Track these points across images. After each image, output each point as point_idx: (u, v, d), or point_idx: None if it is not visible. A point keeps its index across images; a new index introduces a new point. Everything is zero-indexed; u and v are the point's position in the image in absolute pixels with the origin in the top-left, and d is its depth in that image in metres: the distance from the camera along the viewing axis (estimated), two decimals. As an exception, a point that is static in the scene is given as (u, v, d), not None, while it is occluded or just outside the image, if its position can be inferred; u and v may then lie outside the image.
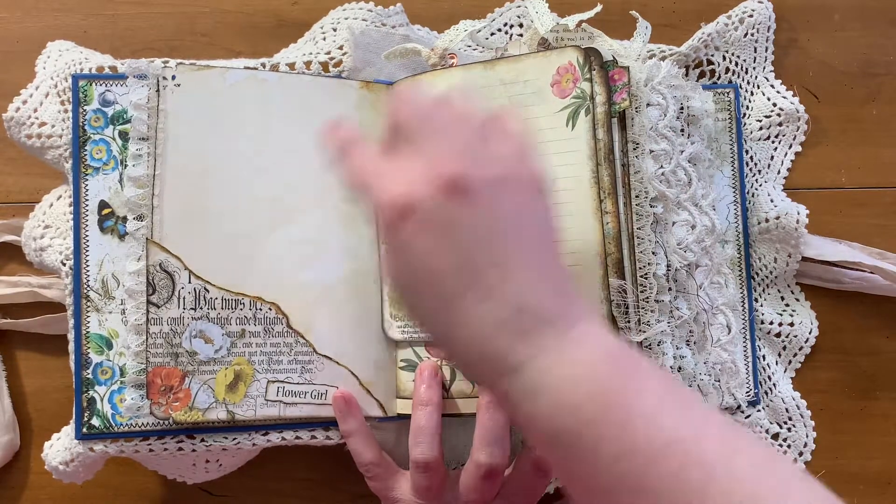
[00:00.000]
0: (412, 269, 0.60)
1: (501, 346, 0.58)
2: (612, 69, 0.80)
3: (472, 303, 0.58)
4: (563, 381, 0.57)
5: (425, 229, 0.59)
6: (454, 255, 0.59)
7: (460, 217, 0.59)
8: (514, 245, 0.60)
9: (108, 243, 0.84)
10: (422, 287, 0.60)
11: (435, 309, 0.60)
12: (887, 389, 0.96)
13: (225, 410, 0.82)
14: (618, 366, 0.59)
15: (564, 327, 0.59)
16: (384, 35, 0.91)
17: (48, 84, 0.88)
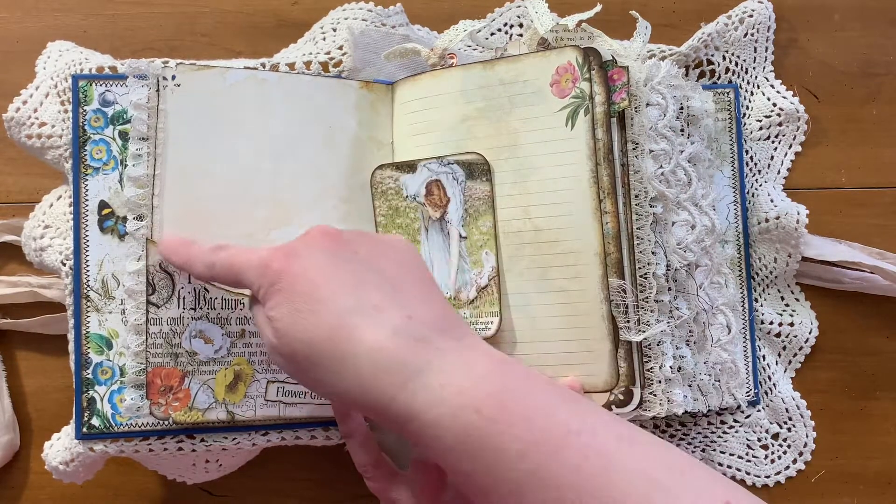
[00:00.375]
0: (306, 295, 0.65)
1: (401, 350, 0.63)
2: (611, 69, 0.80)
3: (364, 315, 0.64)
4: (465, 382, 0.61)
5: (314, 259, 0.67)
6: (343, 277, 0.66)
7: (341, 251, 0.68)
8: (392, 274, 0.68)
9: (108, 243, 0.84)
10: (316, 310, 0.64)
11: (330, 332, 0.63)
12: (887, 389, 0.96)
13: (225, 411, 0.82)
14: (510, 369, 0.64)
15: (456, 336, 0.65)
16: (384, 35, 0.91)
17: (48, 84, 0.88)
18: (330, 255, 0.67)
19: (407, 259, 0.71)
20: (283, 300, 0.65)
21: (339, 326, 0.63)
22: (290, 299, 0.65)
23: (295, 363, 0.65)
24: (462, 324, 0.68)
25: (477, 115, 0.84)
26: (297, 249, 0.68)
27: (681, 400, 0.80)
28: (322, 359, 0.63)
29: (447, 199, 0.84)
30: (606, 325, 0.79)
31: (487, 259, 0.83)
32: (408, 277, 0.69)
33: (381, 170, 0.87)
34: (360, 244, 0.70)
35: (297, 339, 0.64)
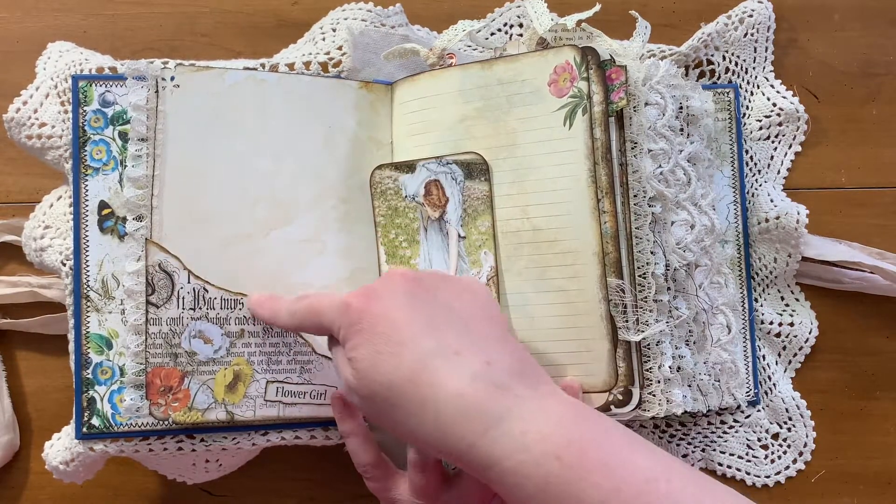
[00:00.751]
0: (387, 336, 0.65)
1: (480, 397, 0.63)
2: (609, 68, 0.80)
3: (445, 359, 0.64)
4: (546, 429, 0.62)
5: (395, 300, 0.68)
6: (423, 320, 0.66)
7: (420, 294, 0.68)
8: (469, 318, 0.69)
9: (107, 243, 0.84)
10: (397, 352, 0.65)
11: (411, 375, 0.64)
12: (887, 389, 0.96)
13: (224, 411, 0.82)
14: (587, 415, 0.64)
15: (533, 383, 0.65)
16: (383, 35, 0.91)
17: (48, 85, 0.88)
18: (410, 296, 0.68)
19: (482, 302, 0.72)
20: (364, 341, 0.66)
21: (421, 370, 0.63)
22: (371, 340, 0.66)
23: (374, 404, 0.66)
24: (538, 369, 0.68)
25: (475, 115, 0.84)
26: (377, 291, 0.69)
27: (680, 400, 0.80)
28: (402, 401, 0.64)
29: (446, 198, 0.84)
30: (605, 325, 0.79)
31: (486, 259, 0.83)
32: (484, 321, 0.69)
33: (380, 170, 0.87)
34: (439, 287, 0.71)
35: (377, 381, 0.65)
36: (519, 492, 0.61)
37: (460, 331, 0.67)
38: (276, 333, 0.84)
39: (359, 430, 0.82)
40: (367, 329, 0.66)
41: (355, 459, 0.81)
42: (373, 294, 0.68)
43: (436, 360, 0.64)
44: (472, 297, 0.71)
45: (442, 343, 0.65)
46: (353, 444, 0.81)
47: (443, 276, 0.73)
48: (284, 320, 0.77)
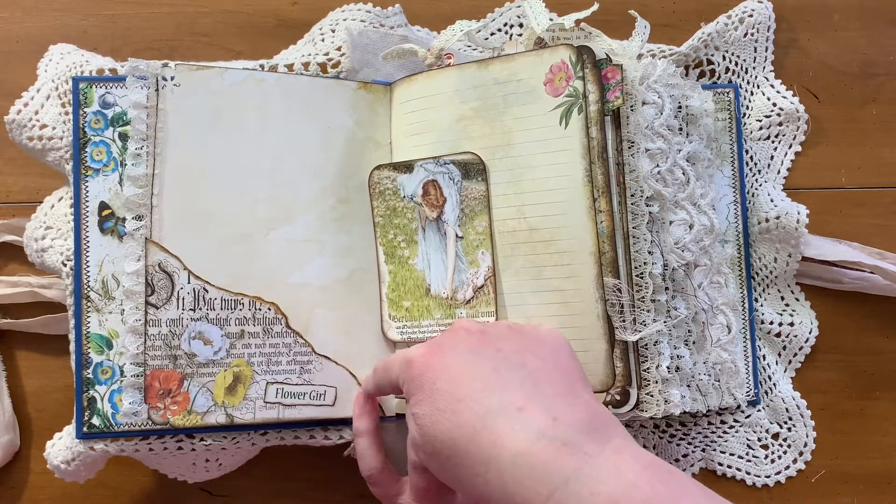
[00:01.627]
0: (447, 393, 0.65)
1: (546, 456, 0.61)
2: (605, 67, 0.80)
3: (507, 417, 0.63)
4: (615, 491, 0.59)
5: (457, 356, 0.68)
6: (485, 375, 0.66)
7: (483, 349, 0.68)
8: (537, 371, 0.67)
9: (108, 244, 0.85)
10: (458, 410, 0.64)
11: (473, 433, 0.63)
12: (887, 389, 0.96)
13: (224, 414, 0.83)
14: (659, 474, 0.61)
15: (603, 438, 0.63)
16: (382, 36, 0.92)
17: (49, 87, 0.89)
18: (472, 351, 0.68)
19: (554, 353, 0.70)
20: (425, 397, 0.66)
21: (482, 428, 0.63)
22: (432, 396, 0.66)
23: (438, 461, 0.66)
24: (610, 422, 0.66)
25: (472, 115, 0.85)
26: (441, 345, 0.69)
27: (678, 400, 0.80)
28: (465, 460, 0.63)
29: (444, 199, 0.85)
30: (602, 325, 0.79)
31: (483, 259, 0.83)
32: (554, 374, 0.68)
33: (378, 170, 0.87)
34: (505, 339, 0.70)
35: (439, 439, 0.65)
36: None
37: (525, 386, 0.65)
38: (276, 334, 0.84)
39: (372, 432, 0.82)
40: (427, 385, 0.67)
41: (362, 463, 0.82)
42: (435, 349, 0.69)
43: (498, 418, 0.63)
44: (542, 348, 0.70)
45: (504, 399, 0.64)
46: (362, 444, 0.82)
47: (510, 328, 0.72)
48: (370, 387, 0.80)
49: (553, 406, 0.64)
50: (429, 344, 0.70)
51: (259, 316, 0.84)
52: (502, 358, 0.67)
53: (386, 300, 0.87)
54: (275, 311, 0.85)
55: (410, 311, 0.86)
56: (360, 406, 0.84)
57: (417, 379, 0.67)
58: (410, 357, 0.69)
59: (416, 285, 0.86)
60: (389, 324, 0.87)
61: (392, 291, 0.87)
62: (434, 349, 0.69)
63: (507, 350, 0.68)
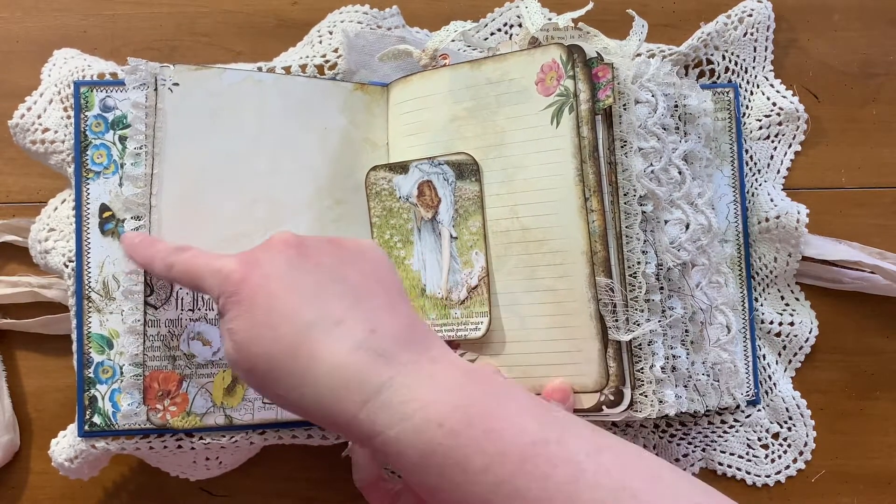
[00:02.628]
0: (265, 308, 0.64)
1: (362, 366, 0.62)
2: (595, 66, 0.81)
3: (325, 330, 0.63)
4: (428, 396, 0.61)
5: (275, 269, 0.66)
6: (304, 289, 0.65)
7: (303, 262, 0.66)
8: (357, 284, 0.67)
9: (108, 245, 0.87)
10: (275, 324, 0.63)
11: (290, 348, 0.63)
12: (887, 389, 0.97)
13: (223, 415, 0.84)
14: (477, 379, 0.63)
15: (420, 349, 0.64)
16: (380, 37, 0.93)
17: (52, 91, 0.91)
18: (291, 265, 0.66)
19: (374, 267, 0.70)
20: (242, 312, 0.64)
21: (300, 343, 0.62)
22: (250, 311, 0.64)
23: (255, 377, 0.64)
24: (429, 334, 0.67)
25: (465, 115, 0.86)
26: (257, 258, 0.67)
27: (672, 401, 0.81)
28: (282, 374, 0.63)
29: (438, 199, 0.86)
30: (595, 325, 0.80)
31: (477, 259, 0.84)
32: (374, 286, 0.68)
33: (374, 171, 0.88)
34: (325, 252, 0.68)
35: (256, 354, 0.63)
36: (402, 461, 0.61)
37: (345, 299, 0.65)
38: None
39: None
40: (245, 300, 0.64)
41: (357, 473, 0.82)
42: (252, 261, 0.67)
43: (315, 332, 0.62)
44: (363, 261, 0.69)
45: (323, 313, 0.64)
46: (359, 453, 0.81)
47: (331, 241, 0.70)
48: (159, 269, 0.74)
49: (372, 318, 0.64)
50: (243, 256, 0.68)
51: (259, 316, 0.85)
52: (322, 271, 0.67)
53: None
54: (274, 312, 0.85)
55: None
56: None
57: (235, 294, 0.65)
58: (226, 271, 0.67)
59: (412, 286, 0.87)
60: None
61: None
62: (250, 261, 0.67)
63: (327, 263, 0.67)
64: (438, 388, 0.61)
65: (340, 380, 0.61)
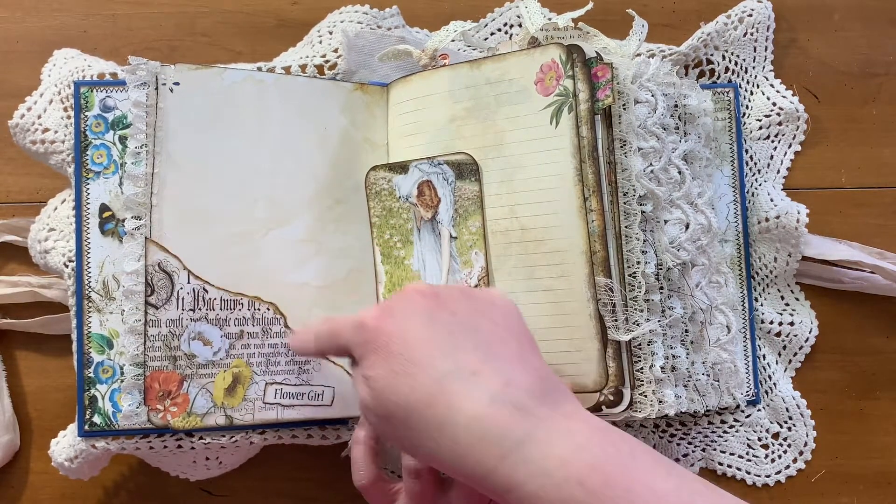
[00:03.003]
0: (402, 357, 0.65)
1: (500, 419, 0.62)
2: (595, 66, 0.81)
3: (462, 381, 0.63)
4: (567, 453, 0.61)
5: (411, 319, 0.67)
6: (440, 339, 0.65)
7: (437, 312, 0.67)
8: (489, 335, 0.67)
9: (108, 245, 0.87)
10: (412, 373, 0.64)
11: (428, 397, 0.63)
12: (887, 389, 0.98)
13: (224, 415, 0.84)
14: (610, 437, 0.63)
15: (555, 403, 0.64)
16: (380, 37, 0.94)
17: (52, 91, 0.91)
18: (426, 315, 0.67)
19: (505, 317, 0.70)
20: (379, 360, 0.65)
21: (437, 392, 0.63)
22: (386, 360, 0.65)
23: (390, 425, 0.66)
24: (560, 387, 0.67)
25: (465, 115, 0.86)
26: (392, 308, 0.68)
27: (672, 401, 0.81)
28: (419, 423, 0.63)
29: (438, 199, 0.86)
30: (594, 325, 0.80)
31: (477, 259, 0.84)
32: (506, 337, 0.68)
33: (374, 171, 0.89)
34: (458, 302, 0.69)
35: (394, 402, 0.64)
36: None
37: (479, 350, 0.65)
38: (275, 334, 0.86)
39: (370, 441, 0.83)
40: (381, 348, 0.66)
41: (356, 473, 0.82)
42: (388, 312, 0.68)
43: (453, 382, 0.63)
44: (494, 312, 0.70)
45: (459, 364, 0.64)
46: (358, 453, 0.81)
47: (463, 291, 0.71)
48: (310, 348, 0.77)
49: (506, 370, 0.65)
50: (380, 307, 0.69)
51: (258, 316, 0.86)
52: (457, 321, 0.67)
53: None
54: (274, 311, 0.86)
55: None
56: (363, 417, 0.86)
57: (371, 342, 0.67)
58: (363, 320, 0.68)
59: (412, 286, 0.87)
60: None
61: (388, 291, 0.88)
62: (387, 312, 0.68)
63: (461, 313, 0.68)
64: (576, 444, 0.61)
65: (478, 432, 0.62)
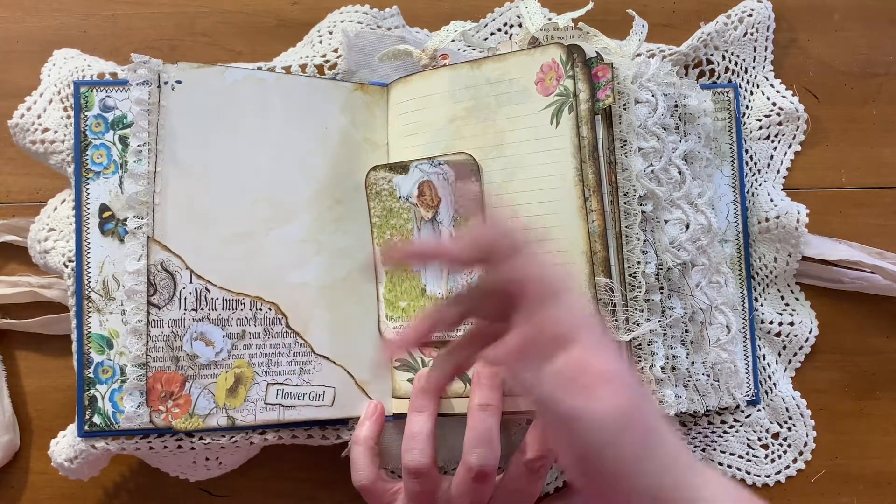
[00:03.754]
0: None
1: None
2: (595, 66, 0.81)
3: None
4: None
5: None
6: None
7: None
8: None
9: (108, 245, 0.87)
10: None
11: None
12: (887, 389, 0.98)
13: (226, 416, 0.85)
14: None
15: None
16: (380, 37, 0.94)
17: (52, 91, 0.91)
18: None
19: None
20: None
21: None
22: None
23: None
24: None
25: (465, 115, 0.86)
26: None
27: (672, 401, 0.82)
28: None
29: (438, 199, 0.86)
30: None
31: None
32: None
33: (374, 171, 0.89)
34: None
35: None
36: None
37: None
38: (276, 334, 0.86)
39: (370, 441, 0.84)
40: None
41: (355, 473, 0.83)
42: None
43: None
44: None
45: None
46: (357, 453, 0.83)
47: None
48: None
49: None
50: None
51: (260, 316, 0.86)
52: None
53: (383, 300, 0.89)
54: (275, 311, 0.86)
55: (407, 312, 0.87)
56: (369, 413, 0.86)
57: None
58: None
59: (412, 286, 0.87)
60: (386, 324, 0.88)
61: (389, 291, 0.88)
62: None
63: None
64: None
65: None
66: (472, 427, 0.79)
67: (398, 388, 0.88)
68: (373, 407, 0.87)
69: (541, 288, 0.65)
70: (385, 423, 0.88)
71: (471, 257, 0.68)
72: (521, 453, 0.81)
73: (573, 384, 0.62)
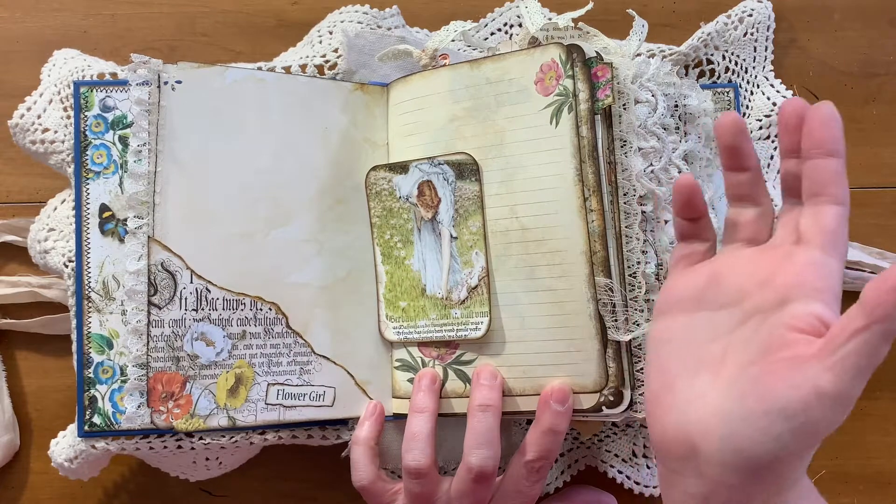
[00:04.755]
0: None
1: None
2: (595, 66, 0.81)
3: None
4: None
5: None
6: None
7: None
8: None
9: (108, 245, 0.87)
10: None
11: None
12: (887, 389, 0.98)
13: (226, 417, 0.85)
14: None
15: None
16: (380, 37, 0.94)
17: (52, 91, 0.91)
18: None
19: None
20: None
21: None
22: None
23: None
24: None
25: (464, 115, 0.86)
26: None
27: None
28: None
29: (438, 199, 0.86)
30: (594, 325, 0.80)
31: (477, 259, 0.84)
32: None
33: (374, 171, 0.89)
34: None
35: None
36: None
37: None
38: (277, 334, 0.86)
39: (370, 441, 0.84)
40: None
41: (355, 473, 0.84)
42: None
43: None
44: None
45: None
46: (357, 453, 0.84)
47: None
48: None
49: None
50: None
51: (260, 316, 0.86)
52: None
53: (383, 300, 0.89)
54: (276, 311, 0.86)
55: (407, 312, 0.88)
56: (369, 413, 0.86)
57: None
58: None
59: (412, 286, 0.87)
60: (386, 324, 0.89)
61: (389, 292, 0.89)
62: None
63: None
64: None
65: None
66: (472, 427, 0.80)
67: (398, 388, 0.88)
68: (373, 407, 0.87)
69: None
70: (385, 423, 0.88)
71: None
72: (522, 454, 0.81)
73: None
